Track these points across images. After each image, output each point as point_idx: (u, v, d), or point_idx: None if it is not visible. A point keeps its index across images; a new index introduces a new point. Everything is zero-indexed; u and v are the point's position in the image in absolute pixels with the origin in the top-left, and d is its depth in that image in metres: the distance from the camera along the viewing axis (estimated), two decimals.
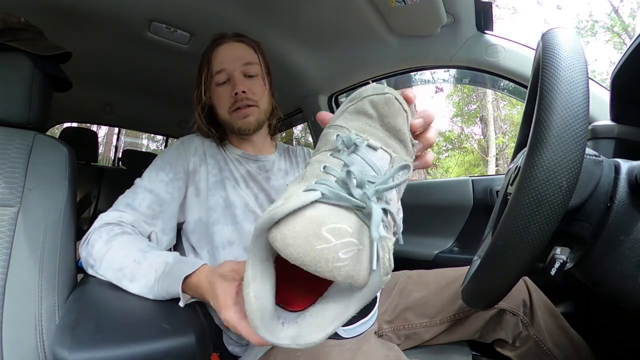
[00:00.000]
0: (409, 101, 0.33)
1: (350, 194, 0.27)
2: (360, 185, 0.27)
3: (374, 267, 0.25)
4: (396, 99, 0.32)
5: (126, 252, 0.51)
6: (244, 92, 0.67)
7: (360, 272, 0.26)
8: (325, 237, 0.25)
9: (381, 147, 0.31)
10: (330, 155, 0.31)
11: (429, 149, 0.37)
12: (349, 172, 0.27)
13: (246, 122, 0.69)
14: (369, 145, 0.31)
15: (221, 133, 0.74)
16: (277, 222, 0.26)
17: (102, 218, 0.57)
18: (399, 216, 0.58)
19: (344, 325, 0.57)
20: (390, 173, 0.29)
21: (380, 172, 0.30)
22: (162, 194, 0.62)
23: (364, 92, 0.33)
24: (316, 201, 0.27)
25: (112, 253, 0.52)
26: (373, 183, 0.28)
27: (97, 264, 0.52)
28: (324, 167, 0.29)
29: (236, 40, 0.72)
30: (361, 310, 0.64)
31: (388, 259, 0.26)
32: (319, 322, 0.29)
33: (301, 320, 0.30)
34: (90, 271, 0.54)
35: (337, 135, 0.31)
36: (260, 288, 0.29)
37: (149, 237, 0.61)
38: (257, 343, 0.36)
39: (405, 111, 0.32)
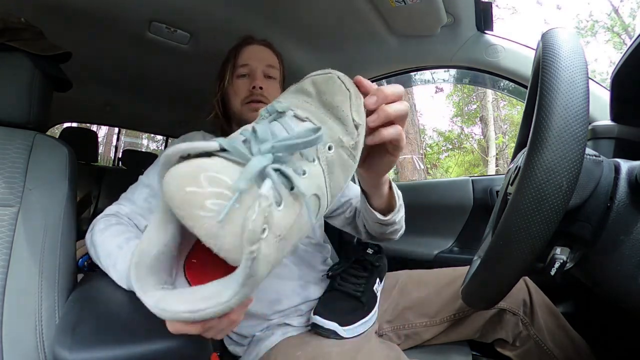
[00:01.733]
0: (360, 86, 0.34)
1: (250, 151, 0.25)
2: (261, 143, 0.26)
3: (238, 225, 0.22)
4: (338, 78, 0.32)
5: (115, 239, 0.53)
6: (261, 87, 0.70)
7: (225, 234, 0.22)
8: (200, 182, 0.23)
9: (310, 120, 0.30)
10: (255, 123, 0.30)
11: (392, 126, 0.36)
12: (254, 130, 0.27)
13: (255, 116, 0.70)
14: (295, 116, 0.30)
15: (228, 128, 0.76)
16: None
17: (104, 211, 0.61)
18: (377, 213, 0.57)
19: (344, 325, 0.57)
20: (296, 134, 0.27)
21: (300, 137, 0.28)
22: (157, 187, 0.64)
23: (311, 74, 0.33)
24: (213, 154, 0.25)
25: (104, 240, 0.54)
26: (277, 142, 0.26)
27: (95, 251, 0.54)
28: (241, 130, 0.29)
29: (264, 44, 0.77)
30: (361, 311, 0.64)
31: (259, 224, 0.22)
32: (187, 297, 0.26)
33: (175, 289, 0.28)
34: (92, 256, 0.55)
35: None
36: (150, 236, 0.27)
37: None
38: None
39: (348, 90, 0.32)
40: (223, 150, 0.25)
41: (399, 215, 0.59)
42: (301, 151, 0.27)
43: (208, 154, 0.25)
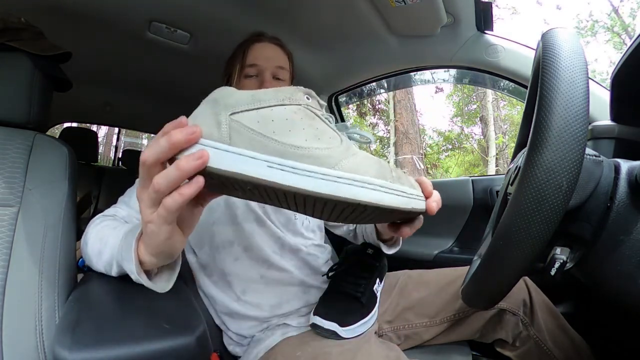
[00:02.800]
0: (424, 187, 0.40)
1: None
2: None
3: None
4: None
5: (109, 228, 0.52)
6: None
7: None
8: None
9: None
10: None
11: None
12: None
13: None
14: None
15: None
16: None
17: (102, 213, 0.60)
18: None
19: (343, 326, 0.57)
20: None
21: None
22: None
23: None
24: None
25: (98, 231, 0.52)
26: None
27: (85, 240, 0.53)
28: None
29: (274, 42, 0.74)
30: (361, 311, 0.64)
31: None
32: None
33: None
34: (84, 250, 0.54)
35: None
36: None
37: None
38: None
39: None
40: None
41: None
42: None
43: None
